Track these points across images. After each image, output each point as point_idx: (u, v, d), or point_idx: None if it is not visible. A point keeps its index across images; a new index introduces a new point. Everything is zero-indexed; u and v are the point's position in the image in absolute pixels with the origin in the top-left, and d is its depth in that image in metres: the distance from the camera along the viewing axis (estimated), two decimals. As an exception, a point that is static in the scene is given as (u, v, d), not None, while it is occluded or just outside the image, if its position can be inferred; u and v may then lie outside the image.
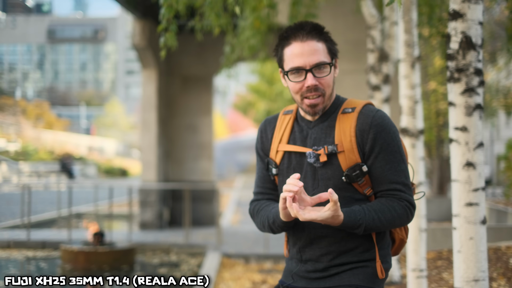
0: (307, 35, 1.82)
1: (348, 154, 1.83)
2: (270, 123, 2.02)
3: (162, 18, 3.89)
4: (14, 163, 29.49)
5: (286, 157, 1.94)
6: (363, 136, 1.83)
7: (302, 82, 1.84)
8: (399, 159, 1.85)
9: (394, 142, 1.85)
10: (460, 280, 2.57)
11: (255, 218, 2.00)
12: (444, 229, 7.45)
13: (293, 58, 1.83)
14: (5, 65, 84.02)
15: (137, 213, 12.60)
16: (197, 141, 13.21)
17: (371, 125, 1.83)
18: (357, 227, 1.76)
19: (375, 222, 1.78)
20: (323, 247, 1.87)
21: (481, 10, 2.53)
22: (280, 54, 1.89)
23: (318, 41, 1.83)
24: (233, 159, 39.09)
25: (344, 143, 1.84)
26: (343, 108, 1.90)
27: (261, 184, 2.02)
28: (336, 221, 1.72)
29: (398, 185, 1.84)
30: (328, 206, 1.69)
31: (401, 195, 1.84)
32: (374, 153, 1.83)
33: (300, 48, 1.82)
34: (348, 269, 1.86)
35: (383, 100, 5.80)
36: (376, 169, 1.84)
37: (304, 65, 1.82)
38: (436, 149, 14.29)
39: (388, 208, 1.81)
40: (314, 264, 1.89)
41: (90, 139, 51.48)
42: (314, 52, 1.82)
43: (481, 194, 2.56)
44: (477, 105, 2.55)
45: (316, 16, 7.14)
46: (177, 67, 13.19)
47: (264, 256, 8.71)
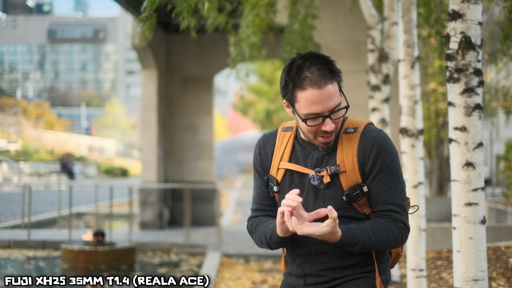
0: (323, 81, 1.76)
1: (349, 174, 1.85)
2: (269, 140, 1.99)
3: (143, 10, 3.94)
4: (15, 163, 29.49)
5: (287, 175, 1.93)
6: (364, 156, 1.85)
7: (319, 126, 1.82)
8: (397, 181, 1.86)
9: (393, 163, 1.86)
10: (459, 280, 2.57)
11: (253, 234, 1.98)
12: (444, 229, 7.46)
13: (310, 105, 1.78)
14: (6, 65, 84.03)
15: (137, 213, 12.60)
16: (197, 141, 13.21)
17: (372, 145, 1.84)
18: (354, 244, 1.77)
19: (372, 241, 1.79)
20: (324, 262, 1.89)
21: (480, 10, 2.54)
22: (291, 94, 1.81)
23: (332, 82, 1.78)
24: (233, 159, 39.08)
25: (346, 163, 1.85)
26: (344, 128, 1.90)
27: (260, 201, 2.00)
28: (333, 237, 1.73)
29: (393, 206, 1.85)
30: (327, 222, 1.69)
31: (396, 216, 1.85)
32: (373, 173, 1.85)
33: (319, 95, 1.76)
34: (350, 280, 1.88)
35: (382, 100, 5.81)
36: (373, 189, 1.85)
37: (322, 111, 1.79)
38: (435, 149, 14.28)
39: (385, 228, 1.82)
40: (315, 278, 1.91)
41: (90, 139, 51.48)
42: (331, 97, 1.77)
43: (481, 194, 2.56)
44: (477, 105, 2.55)
45: (316, 16, 7.15)
46: (177, 67, 13.19)
47: (264, 256, 8.72)
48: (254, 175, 2.02)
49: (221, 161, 34.39)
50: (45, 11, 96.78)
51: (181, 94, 13.20)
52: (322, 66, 1.77)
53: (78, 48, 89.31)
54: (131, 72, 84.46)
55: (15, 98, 55.98)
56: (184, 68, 13.23)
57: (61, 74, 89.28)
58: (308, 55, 1.80)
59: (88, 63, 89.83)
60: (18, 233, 11.04)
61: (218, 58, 12.63)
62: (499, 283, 5.03)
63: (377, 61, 5.81)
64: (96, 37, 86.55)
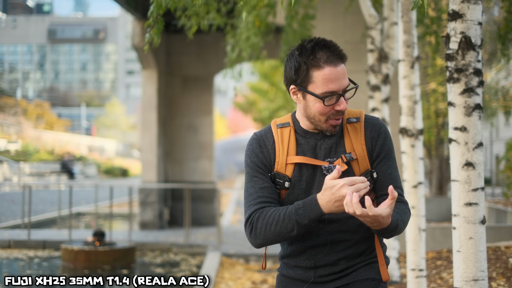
0: (337, 59, 1.84)
1: (361, 161, 1.90)
2: (267, 138, 1.96)
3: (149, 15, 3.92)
4: (15, 163, 29.49)
5: (296, 169, 1.92)
6: (372, 143, 1.92)
7: (333, 106, 1.86)
8: (395, 165, 1.97)
9: (392, 148, 1.97)
10: (459, 280, 2.57)
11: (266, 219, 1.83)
12: (444, 228, 7.46)
13: (328, 83, 1.83)
14: (6, 65, 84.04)
15: (137, 213, 12.60)
16: (197, 141, 13.21)
17: (379, 132, 1.94)
18: (395, 227, 1.81)
19: (400, 223, 1.85)
20: (339, 251, 1.91)
21: (480, 11, 2.54)
22: (306, 75, 1.84)
23: (344, 62, 1.87)
24: (233, 159, 39.07)
25: (356, 151, 1.91)
26: (346, 118, 1.96)
27: (267, 194, 1.89)
28: (388, 220, 1.75)
29: (398, 189, 1.92)
30: (388, 203, 1.72)
31: (402, 199, 1.93)
32: (380, 158, 1.93)
33: (335, 73, 1.83)
34: (363, 265, 1.93)
35: (382, 100, 5.81)
36: (380, 173, 1.92)
37: (338, 89, 1.84)
38: (435, 149, 14.29)
39: (403, 210, 1.90)
40: (330, 268, 1.92)
41: (90, 139, 51.49)
42: (345, 75, 1.85)
43: (481, 194, 2.56)
44: (477, 105, 2.55)
45: (314, 17, 7.15)
46: (177, 67, 13.19)
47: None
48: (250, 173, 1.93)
49: (221, 161, 34.39)
50: (45, 11, 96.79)
51: (181, 94, 13.20)
52: (333, 48, 1.86)
53: (78, 48, 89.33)
54: (131, 72, 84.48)
55: (15, 98, 55.99)
56: (184, 68, 13.23)
57: (61, 74, 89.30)
58: (317, 40, 1.88)
59: (88, 63, 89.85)
60: (18, 233, 11.04)
61: (218, 58, 12.62)
62: (499, 283, 5.04)
63: (376, 61, 5.81)
64: (96, 37, 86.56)
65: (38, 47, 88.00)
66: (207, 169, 13.19)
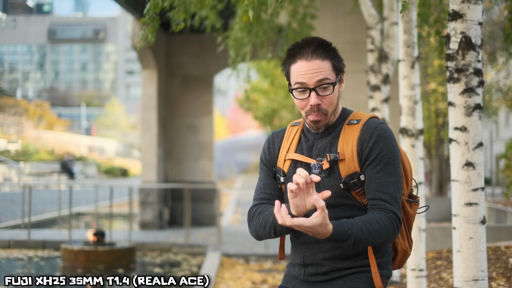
0: (312, 54, 1.86)
1: (348, 163, 1.87)
2: (278, 135, 2.06)
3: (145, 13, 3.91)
4: (15, 163, 29.49)
5: (292, 165, 1.97)
6: (362, 145, 1.87)
7: (306, 100, 1.88)
8: (391, 172, 1.85)
9: (390, 154, 1.87)
10: (459, 280, 2.57)
11: (255, 219, 1.92)
12: (444, 229, 7.46)
13: (298, 76, 1.87)
14: (6, 65, 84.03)
15: (137, 213, 12.61)
16: (197, 141, 13.21)
17: (372, 135, 1.87)
18: (346, 238, 1.71)
19: (364, 233, 1.74)
20: (325, 251, 1.88)
21: (480, 11, 2.54)
22: (287, 70, 1.93)
23: (323, 59, 1.86)
24: (233, 159, 39.11)
25: (345, 152, 1.88)
26: (348, 119, 1.95)
27: (268, 190, 1.99)
28: (324, 230, 1.66)
29: (384, 195, 1.83)
30: (316, 213, 1.64)
31: (387, 206, 1.82)
32: (369, 161, 1.86)
33: (305, 66, 1.86)
34: (351, 273, 1.87)
35: (382, 100, 5.81)
36: (367, 176, 1.86)
37: (307, 83, 1.86)
38: (435, 149, 14.29)
39: (375, 219, 1.78)
40: (316, 267, 1.90)
41: (90, 139, 51.49)
42: (319, 71, 1.85)
43: (481, 194, 2.56)
44: (477, 105, 2.55)
45: (314, 16, 7.15)
46: (177, 67, 13.19)
47: (264, 256, 8.72)
48: (260, 169, 2.06)
49: (221, 161, 34.42)
50: (45, 11, 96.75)
51: (181, 94, 13.20)
52: (316, 44, 1.88)
53: (78, 48, 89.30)
54: (131, 72, 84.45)
55: (15, 98, 55.99)
56: (184, 68, 13.23)
57: (61, 74, 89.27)
58: (307, 37, 1.92)
59: (88, 63, 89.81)
60: (18, 233, 11.04)
61: (218, 58, 12.62)
62: (499, 283, 5.04)
63: (377, 61, 5.81)
64: (96, 37, 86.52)
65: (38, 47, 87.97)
66: (207, 169, 13.20)
